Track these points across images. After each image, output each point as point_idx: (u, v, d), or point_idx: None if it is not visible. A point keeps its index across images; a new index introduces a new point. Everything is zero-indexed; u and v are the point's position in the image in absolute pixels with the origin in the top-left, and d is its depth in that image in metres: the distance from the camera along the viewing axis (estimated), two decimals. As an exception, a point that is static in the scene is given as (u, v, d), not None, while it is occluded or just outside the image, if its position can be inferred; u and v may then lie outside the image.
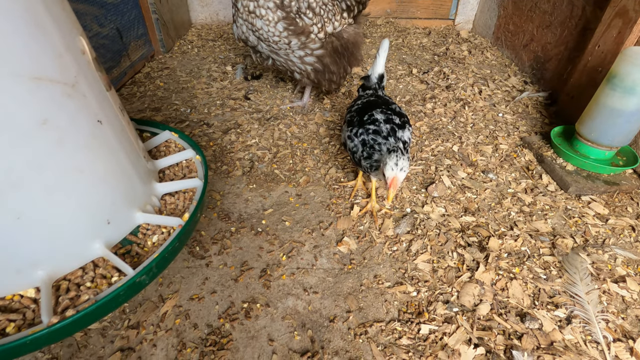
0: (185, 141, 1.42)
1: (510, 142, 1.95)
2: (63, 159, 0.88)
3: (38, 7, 0.78)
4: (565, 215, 1.51)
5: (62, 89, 0.83)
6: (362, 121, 1.33)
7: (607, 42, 1.85)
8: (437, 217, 1.47)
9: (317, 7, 1.77)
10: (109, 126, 0.98)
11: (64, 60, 0.84)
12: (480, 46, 3.22)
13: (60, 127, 0.85)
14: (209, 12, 3.61)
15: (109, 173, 0.99)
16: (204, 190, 1.20)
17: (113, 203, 1.02)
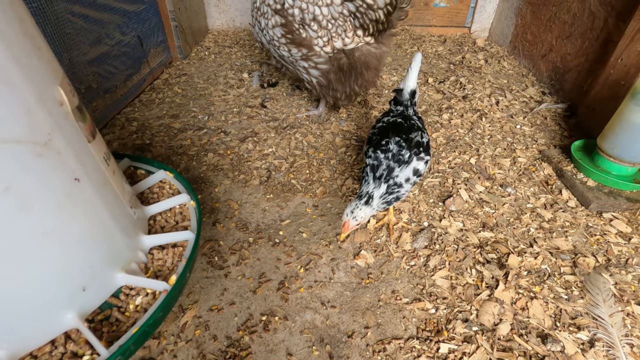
0: (181, 182, 1.34)
1: (528, 155, 1.92)
2: (27, 225, 0.78)
3: (3, 61, 0.69)
4: (586, 232, 1.49)
5: (31, 148, 0.75)
6: (378, 144, 1.31)
7: (631, 56, 1.82)
8: (455, 232, 1.46)
9: (323, 20, 1.75)
10: (88, 182, 0.89)
11: (34, 116, 0.74)
12: (496, 55, 3.19)
13: (26, 192, 0.76)
14: (225, 19, 3.66)
15: (86, 233, 0.91)
16: (195, 246, 1.10)
17: (90, 266, 0.93)
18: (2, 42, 0.69)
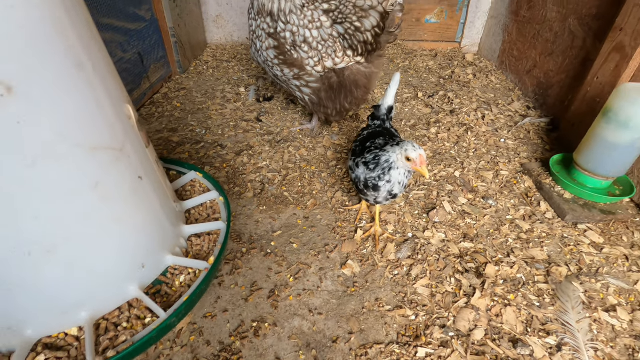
0: (209, 181, 1.56)
1: (510, 169, 2.02)
2: (107, 213, 0.99)
3: (99, 89, 0.90)
4: (561, 243, 1.57)
5: (112, 153, 0.96)
6: (363, 149, 1.42)
7: (605, 75, 1.93)
8: (437, 243, 1.54)
9: (313, 41, 1.85)
10: (147, 180, 1.11)
11: (115, 128, 0.97)
12: (485, 70, 3.31)
13: (107, 187, 0.97)
14: (223, 33, 3.78)
15: (146, 222, 1.12)
16: (227, 233, 1.32)
17: (148, 249, 1.14)
18: (97, 73, 0.90)
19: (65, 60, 0.80)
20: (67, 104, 0.83)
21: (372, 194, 1.37)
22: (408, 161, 1.23)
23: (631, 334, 1.23)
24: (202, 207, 1.46)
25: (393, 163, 1.27)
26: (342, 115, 2.18)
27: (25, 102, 0.74)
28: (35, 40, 0.73)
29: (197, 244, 1.31)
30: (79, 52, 0.83)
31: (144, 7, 2.53)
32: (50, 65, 0.77)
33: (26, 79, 0.73)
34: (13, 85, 0.71)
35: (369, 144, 1.43)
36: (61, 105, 0.82)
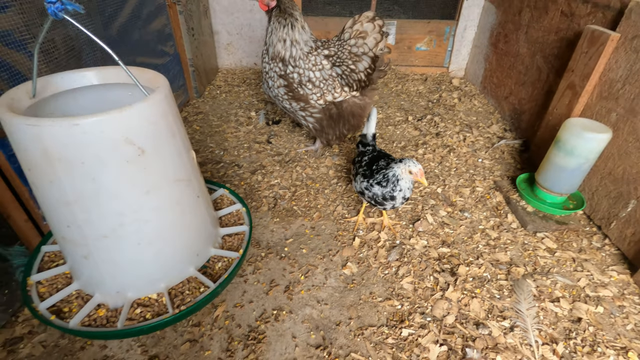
0: (234, 196, 1.97)
1: (485, 185, 2.38)
2: (182, 221, 1.43)
3: (179, 145, 1.32)
4: (522, 248, 1.92)
5: (185, 183, 1.36)
6: (372, 171, 1.77)
7: (562, 107, 2.31)
8: (420, 248, 1.89)
9: (316, 80, 2.23)
10: (202, 198, 1.52)
11: (187, 167, 1.38)
12: (469, 93, 3.70)
13: (183, 204, 1.39)
14: (233, 59, 4.17)
15: (200, 226, 1.54)
16: (250, 234, 1.74)
17: (200, 243, 1.56)
18: (179, 136, 1.33)
19: (167, 132, 1.25)
20: (166, 156, 1.26)
21: (390, 202, 1.72)
22: (410, 174, 1.61)
23: (569, 319, 1.57)
24: (230, 215, 1.88)
25: (399, 175, 1.64)
26: (341, 139, 2.55)
27: (149, 157, 1.19)
28: (157, 125, 1.21)
29: (229, 241, 1.75)
30: (173, 127, 1.28)
31: (168, 43, 2.90)
32: (161, 137, 1.23)
33: (151, 145, 1.18)
34: (145, 149, 1.16)
35: (374, 167, 1.78)
36: (164, 157, 1.26)
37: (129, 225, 1.25)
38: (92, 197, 1.15)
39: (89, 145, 1.06)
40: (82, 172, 1.09)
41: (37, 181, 1.14)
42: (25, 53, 1.50)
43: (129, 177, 1.17)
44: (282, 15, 2.07)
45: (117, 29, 2.19)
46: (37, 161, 1.08)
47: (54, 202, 1.16)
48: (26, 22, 1.50)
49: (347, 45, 2.30)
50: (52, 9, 1.00)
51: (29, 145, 1.05)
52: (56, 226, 1.26)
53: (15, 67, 1.47)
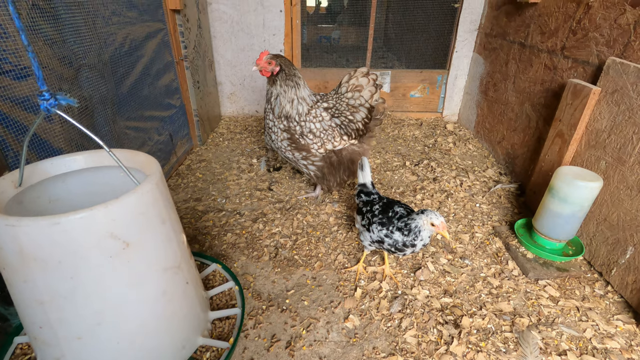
0: (227, 272, 1.93)
1: (484, 231, 2.40)
2: (168, 311, 1.32)
3: (170, 231, 1.27)
4: (524, 297, 1.91)
5: (174, 270, 1.30)
6: (390, 219, 1.78)
7: (553, 154, 2.39)
8: (423, 299, 1.88)
9: (317, 131, 2.34)
10: (191, 283, 1.44)
11: (176, 253, 1.32)
12: (464, 138, 3.82)
13: (170, 292, 1.31)
14: (235, 107, 4.35)
15: (188, 314, 1.43)
16: (242, 319, 1.66)
17: (187, 333, 1.44)
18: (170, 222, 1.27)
19: (157, 220, 1.19)
20: (153, 245, 1.20)
21: (410, 249, 1.73)
22: (432, 226, 1.64)
23: (579, 374, 1.53)
24: (222, 294, 1.80)
25: (422, 227, 1.67)
26: (342, 185, 2.61)
27: (134, 249, 1.12)
28: (146, 215, 1.15)
29: (220, 326, 1.65)
30: (163, 214, 1.22)
31: (175, 96, 3.05)
32: (150, 226, 1.17)
33: (137, 236, 1.13)
34: (131, 241, 1.10)
35: (391, 213, 1.80)
36: (152, 246, 1.18)
37: (108, 324, 1.15)
38: (67, 297, 1.06)
39: (68, 243, 0.99)
40: (58, 271, 1.01)
41: (11, 280, 1.08)
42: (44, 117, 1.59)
43: (110, 272, 1.09)
44: (288, 78, 2.22)
45: (128, 87, 2.33)
46: (12, 260, 1.02)
47: (27, 301, 1.09)
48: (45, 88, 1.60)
49: (345, 98, 2.43)
50: (44, 105, 1.00)
51: (5, 244, 0.99)
52: (29, 326, 1.17)
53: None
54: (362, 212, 1.95)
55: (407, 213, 1.78)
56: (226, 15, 3.80)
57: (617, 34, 2.04)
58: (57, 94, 1.03)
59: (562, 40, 2.48)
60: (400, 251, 1.78)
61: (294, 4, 3.81)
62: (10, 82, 1.46)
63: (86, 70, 1.90)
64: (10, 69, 1.46)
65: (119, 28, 2.21)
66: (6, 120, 1.45)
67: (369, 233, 1.86)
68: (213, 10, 3.75)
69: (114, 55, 2.16)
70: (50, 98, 1.01)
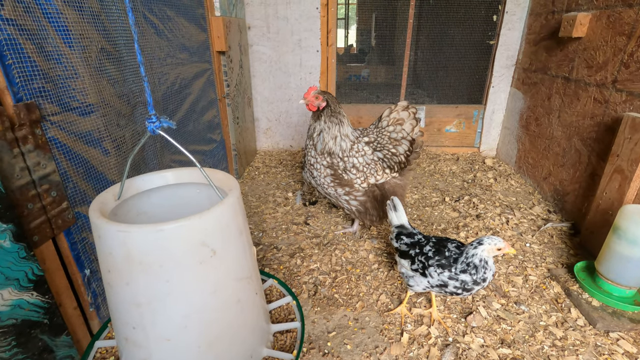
0: (284, 288, 1.94)
1: (538, 274, 2.21)
2: (241, 320, 1.38)
3: (245, 242, 1.36)
4: (595, 351, 1.70)
5: (246, 280, 1.37)
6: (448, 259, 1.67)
7: (612, 191, 2.22)
8: (477, 348, 1.71)
9: (360, 166, 2.31)
10: (259, 294, 1.50)
11: (249, 264, 1.40)
12: (504, 173, 3.68)
13: (243, 302, 1.37)
14: (271, 142, 4.45)
15: (256, 324, 1.48)
16: (302, 331, 1.65)
17: (254, 344, 1.49)
18: (244, 233, 1.35)
19: (237, 232, 1.30)
20: (233, 255, 1.29)
21: (482, 284, 1.62)
22: (499, 250, 1.57)
23: None
24: (280, 308, 1.82)
25: (487, 257, 1.59)
26: (383, 220, 2.53)
27: (219, 257, 1.22)
28: (229, 227, 1.26)
29: (281, 339, 1.65)
30: (241, 226, 1.33)
31: (216, 131, 3.16)
32: (231, 237, 1.28)
33: (222, 245, 1.23)
34: (217, 250, 1.20)
35: (447, 253, 1.69)
36: (232, 256, 1.28)
37: (193, 327, 1.23)
38: (162, 299, 1.17)
39: (169, 249, 1.11)
40: (158, 275, 1.13)
41: (113, 282, 1.18)
42: (101, 149, 1.67)
43: (199, 277, 1.20)
44: (333, 114, 2.25)
45: (176, 121, 2.43)
46: (118, 264, 1.13)
47: (125, 303, 1.19)
48: (105, 123, 1.70)
49: (386, 132, 2.42)
50: (151, 127, 1.14)
51: (114, 249, 1.11)
52: (121, 327, 1.26)
53: (90, 161, 1.63)
54: (409, 256, 1.82)
55: (460, 251, 1.67)
56: (265, 56, 4.00)
57: (678, 66, 1.93)
58: (162, 117, 1.13)
59: (613, 74, 2.39)
60: (469, 291, 1.66)
61: (330, 44, 3.96)
62: (75, 118, 1.55)
63: (141, 107, 2.00)
64: (77, 105, 1.55)
65: (172, 69, 2.36)
66: (69, 154, 1.52)
67: (424, 278, 1.74)
68: (254, 51, 3.96)
69: (166, 93, 2.29)
70: (156, 121, 1.11)
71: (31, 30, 1.33)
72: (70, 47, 1.49)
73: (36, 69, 1.35)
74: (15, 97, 1.28)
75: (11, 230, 1.23)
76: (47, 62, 1.40)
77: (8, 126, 1.24)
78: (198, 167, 1.24)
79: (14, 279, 1.27)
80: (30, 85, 1.33)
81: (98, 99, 1.65)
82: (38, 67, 1.35)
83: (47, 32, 1.39)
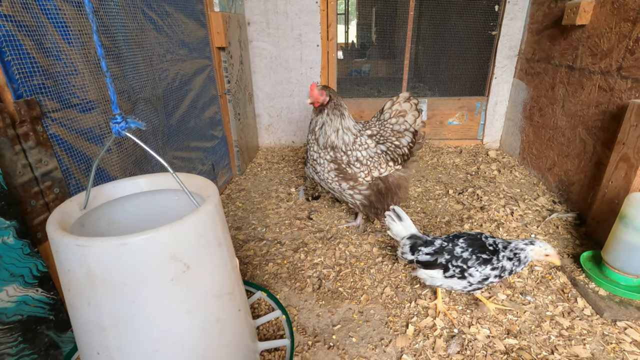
0: (272, 300, 1.84)
1: (544, 264, 2.20)
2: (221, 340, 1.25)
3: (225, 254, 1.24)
4: (602, 340, 1.68)
5: (228, 296, 1.25)
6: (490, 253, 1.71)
7: (618, 180, 2.20)
8: (483, 339, 1.70)
9: (363, 159, 2.30)
10: (243, 310, 1.38)
11: (231, 278, 1.27)
12: (508, 165, 3.65)
13: (224, 320, 1.25)
14: (273, 138, 4.44)
15: (239, 344, 1.37)
16: (292, 350, 1.57)
17: None
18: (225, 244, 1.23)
19: (214, 243, 1.17)
20: (211, 269, 1.17)
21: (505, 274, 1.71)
22: (546, 256, 1.63)
23: None
24: (268, 323, 1.71)
25: (530, 257, 1.67)
26: None
27: (194, 273, 1.10)
28: (206, 237, 1.13)
29: (268, 358, 1.55)
30: (220, 236, 1.20)
31: (217, 128, 3.16)
32: (209, 249, 1.15)
33: (197, 259, 1.10)
34: (191, 264, 1.08)
35: (487, 247, 1.74)
36: (209, 271, 1.16)
37: (164, 351, 1.11)
38: (128, 322, 1.05)
39: (134, 264, 0.99)
40: (123, 294, 1.01)
41: (74, 302, 1.06)
42: (103, 146, 1.67)
43: (171, 296, 1.08)
44: (335, 107, 2.24)
45: (177, 119, 2.43)
46: (79, 282, 1.01)
47: (88, 326, 1.08)
48: (106, 120, 1.69)
49: (389, 124, 2.41)
50: (116, 128, 1.05)
51: (73, 265, 0.99)
52: (86, 352, 1.14)
53: (92, 158, 1.63)
54: (439, 265, 1.76)
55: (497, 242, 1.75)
56: (265, 52, 3.98)
57: (685, 51, 1.90)
58: (128, 117, 1.06)
59: (618, 61, 2.36)
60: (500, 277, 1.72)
61: (330, 39, 3.93)
62: (76, 115, 1.55)
63: (142, 104, 2.00)
64: (77, 102, 1.55)
65: (172, 65, 2.35)
66: (71, 150, 1.52)
67: (464, 280, 1.73)
68: (254, 47, 3.95)
69: (167, 89, 2.28)
70: (121, 121, 1.04)
71: (30, 26, 1.32)
72: (70, 44, 1.49)
73: (36, 66, 1.34)
74: (15, 93, 1.28)
75: (15, 227, 1.23)
76: (47, 59, 1.40)
77: (9, 123, 1.23)
78: (170, 171, 1.12)
79: (18, 275, 1.27)
80: (30, 81, 1.32)
81: (98, 96, 1.65)
82: (37, 64, 1.35)
83: (46, 28, 1.39)
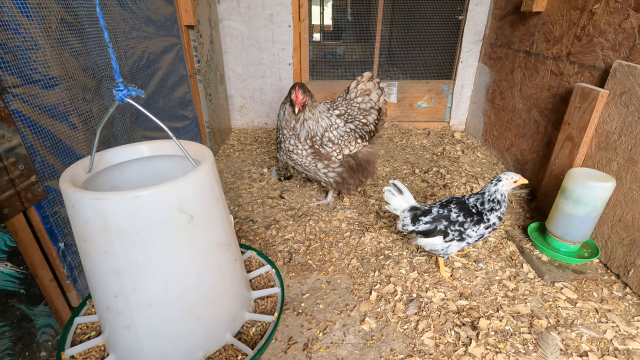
0: (262, 258, 1.97)
1: (497, 235, 2.40)
2: (222, 285, 1.43)
3: (222, 209, 1.38)
4: (541, 299, 1.89)
5: (225, 247, 1.41)
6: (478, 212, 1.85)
7: (564, 158, 2.40)
8: (438, 301, 1.87)
9: (335, 139, 2.39)
10: (238, 261, 1.55)
11: (227, 231, 1.43)
12: (471, 146, 3.85)
13: (223, 267, 1.42)
14: (245, 120, 4.44)
15: (237, 290, 1.54)
16: (282, 296, 1.71)
17: (237, 308, 1.54)
18: (221, 200, 1.38)
19: (212, 199, 1.32)
20: (211, 221, 1.32)
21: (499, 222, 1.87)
22: (515, 182, 1.79)
23: (601, 375, 1.51)
24: (260, 277, 1.86)
25: (505, 191, 1.82)
26: (361, 186, 2.66)
27: (197, 224, 1.24)
28: (205, 193, 1.27)
29: (262, 304, 1.70)
30: (217, 193, 1.35)
31: (188, 108, 3.14)
32: (208, 203, 1.30)
33: (199, 212, 1.25)
34: (195, 215, 1.22)
35: (474, 209, 1.87)
36: (209, 223, 1.31)
37: (174, 291, 1.27)
38: (142, 266, 1.18)
39: (146, 215, 1.12)
40: (136, 242, 1.14)
41: (91, 251, 1.18)
42: (68, 124, 1.66)
43: (178, 243, 1.22)
44: (312, 102, 2.30)
45: (145, 98, 2.41)
46: (95, 233, 1.13)
47: (104, 271, 1.20)
48: (71, 97, 1.68)
49: (355, 103, 2.50)
50: (119, 95, 1.12)
51: (90, 218, 1.11)
52: (102, 296, 1.28)
53: (56, 135, 1.62)
54: (440, 232, 1.87)
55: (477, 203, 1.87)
56: (237, 31, 3.93)
57: (622, 38, 2.08)
58: (130, 85, 1.11)
59: (568, 47, 2.53)
60: (494, 228, 1.87)
61: (302, 19, 3.93)
62: (39, 91, 1.53)
63: (107, 81, 1.98)
64: (39, 78, 1.53)
65: (138, 42, 2.31)
66: (35, 127, 1.51)
67: (462, 242, 1.89)
68: (224, 26, 3.89)
69: (133, 67, 2.25)
70: (124, 89, 1.09)
71: (-15, -2, 1.29)
72: (29, 17, 1.46)
73: (-7, 39, 1.32)
74: (-28, 67, 1.26)
75: (-20, 202, 1.24)
76: (5, 32, 1.37)
77: (-32, 97, 1.22)
78: (172, 137, 1.25)
79: (-14, 249, 1.28)
80: (-12, 55, 1.30)
81: (61, 72, 1.63)
82: (-5, 37, 1.32)
83: (2, 1, 1.35)
